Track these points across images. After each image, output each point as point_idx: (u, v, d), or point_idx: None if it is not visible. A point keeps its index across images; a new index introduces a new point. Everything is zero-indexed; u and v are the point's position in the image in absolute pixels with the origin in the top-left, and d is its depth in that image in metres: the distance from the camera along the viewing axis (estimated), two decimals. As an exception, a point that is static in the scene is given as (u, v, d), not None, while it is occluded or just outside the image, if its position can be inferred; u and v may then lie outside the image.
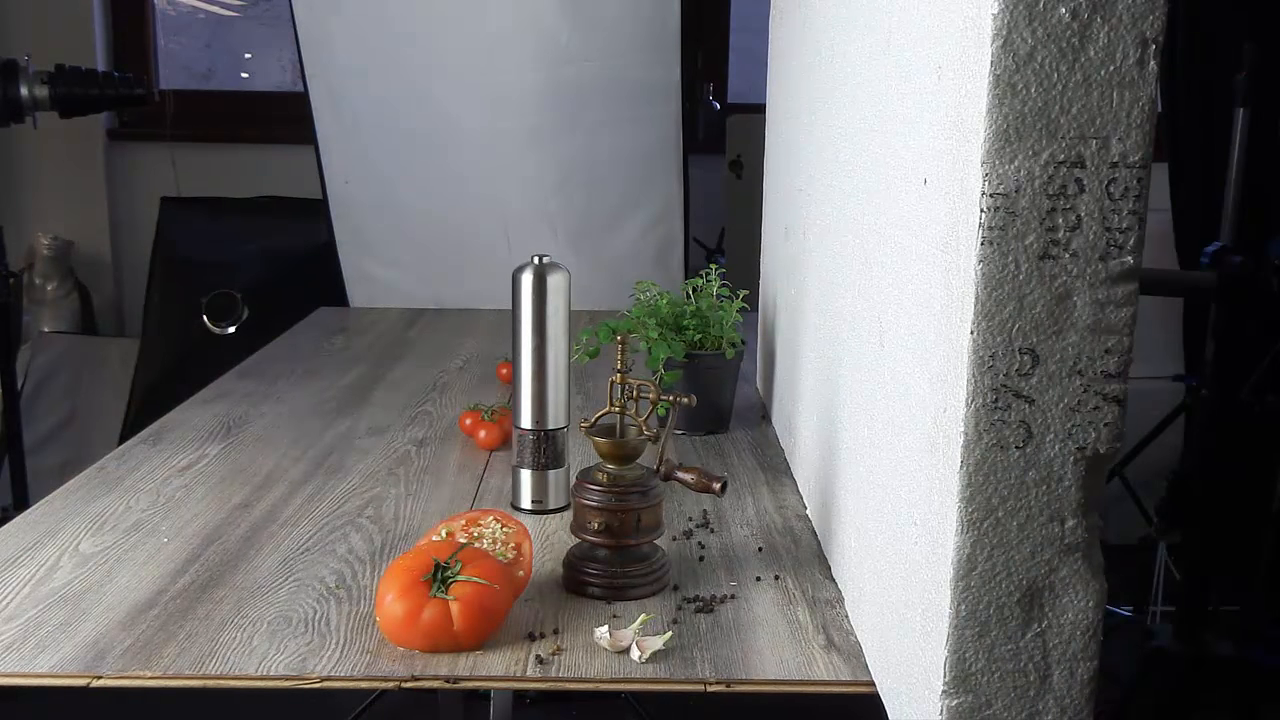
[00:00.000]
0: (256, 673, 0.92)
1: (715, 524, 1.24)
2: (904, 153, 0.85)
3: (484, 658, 0.94)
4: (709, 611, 1.03)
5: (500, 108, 2.42)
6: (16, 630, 0.98)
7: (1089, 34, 0.66)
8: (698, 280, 1.62)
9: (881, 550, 0.91)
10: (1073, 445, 0.71)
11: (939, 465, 0.75)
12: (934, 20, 0.77)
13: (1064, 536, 0.73)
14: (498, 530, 1.08)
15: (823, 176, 1.24)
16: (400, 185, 2.50)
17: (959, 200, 0.71)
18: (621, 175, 2.50)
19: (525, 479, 1.28)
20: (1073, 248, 0.69)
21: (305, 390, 1.81)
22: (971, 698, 0.74)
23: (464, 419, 1.55)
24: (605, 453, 1.08)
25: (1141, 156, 0.68)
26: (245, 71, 3.65)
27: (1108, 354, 0.70)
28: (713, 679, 0.91)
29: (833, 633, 1.00)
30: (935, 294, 0.76)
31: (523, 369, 1.24)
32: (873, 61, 0.98)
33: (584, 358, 1.53)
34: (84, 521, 1.23)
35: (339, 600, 1.05)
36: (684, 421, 1.57)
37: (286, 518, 1.26)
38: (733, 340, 1.55)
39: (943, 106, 0.75)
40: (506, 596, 0.98)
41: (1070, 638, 0.74)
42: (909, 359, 0.83)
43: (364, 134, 2.47)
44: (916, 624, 0.79)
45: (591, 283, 2.24)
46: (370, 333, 2.29)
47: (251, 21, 3.64)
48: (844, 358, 1.09)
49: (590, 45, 2.38)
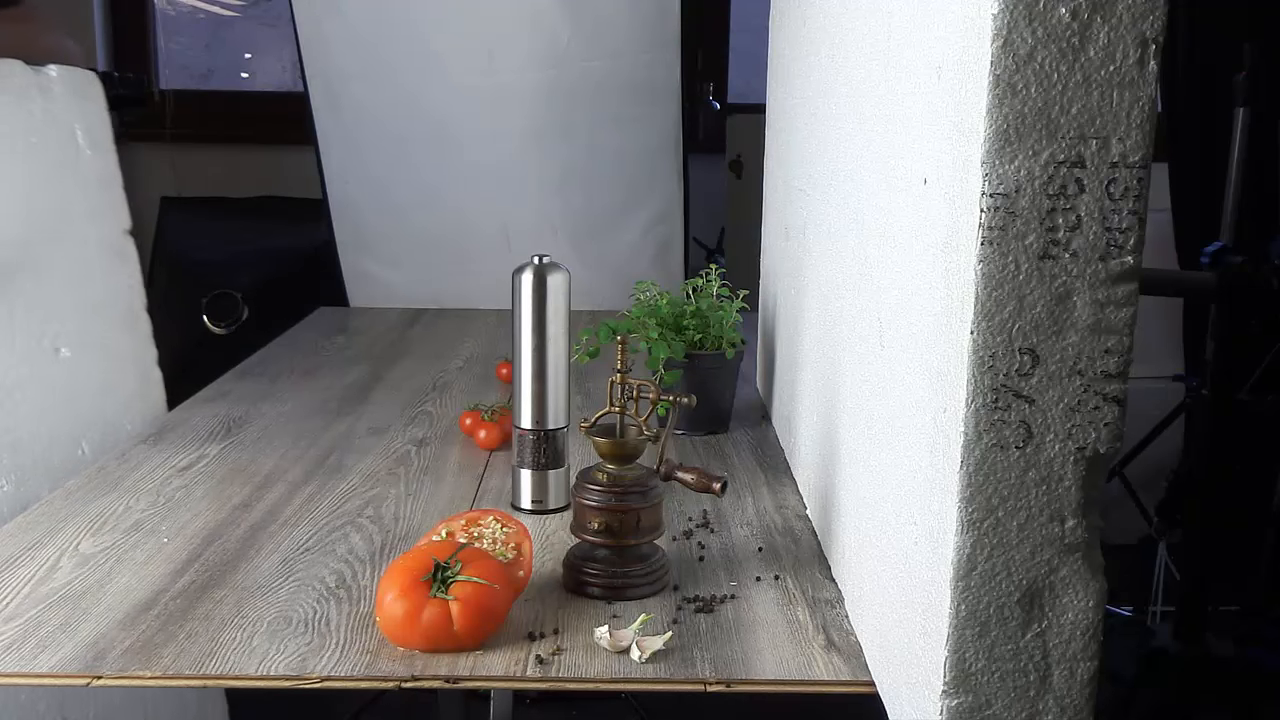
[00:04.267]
0: (256, 673, 0.92)
1: (715, 524, 1.24)
2: (904, 153, 0.85)
3: (484, 658, 0.94)
4: (709, 611, 1.03)
5: (500, 108, 2.42)
6: (16, 630, 0.98)
7: (1089, 34, 0.66)
8: (698, 280, 1.62)
9: (881, 550, 0.91)
10: (1073, 445, 0.71)
11: (939, 465, 0.75)
12: (934, 20, 0.77)
13: (1064, 536, 0.73)
14: (498, 530, 1.08)
15: (823, 176, 1.24)
16: (400, 185, 2.50)
17: (959, 200, 0.71)
18: (621, 175, 2.50)
19: (525, 479, 1.28)
20: (1073, 248, 0.69)
21: (305, 390, 1.81)
22: (971, 698, 0.74)
23: (464, 419, 1.55)
24: (605, 453, 1.08)
25: (1142, 157, 0.68)
26: (245, 71, 3.65)
27: (1108, 354, 0.70)
28: (713, 679, 0.91)
29: (833, 633, 1.00)
30: (935, 294, 0.76)
31: (523, 369, 1.24)
32: (873, 61, 0.98)
33: (584, 358, 1.53)
34: (84, 521, 1.23)
35: (339, 600, 1.05)
36: (684, 421, 1.57)
37: (286, 518, 1.26)
38: (733, 340, 1.55)
39: (943, 106, 0.75)
40: (506, 596, 0.98)
41: (1070, 638, 0.74)
42: (909, 359, 0.83)
43: (364, 134, 2.47)
44: (916, 624, 0.79)
45: (591, 283, 2.24)
46: (370, 333, 2.29)
47: (251, 21, 3.63)
48: (844, 358, 1.09)
49: (590, 45, 2.38)
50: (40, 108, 1.55)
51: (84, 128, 1.61)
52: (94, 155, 1.62)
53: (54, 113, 1.57)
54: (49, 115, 1.56)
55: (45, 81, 1.56)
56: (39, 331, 1.57)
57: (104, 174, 1.64)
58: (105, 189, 1.65)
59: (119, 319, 1.66)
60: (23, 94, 1.53)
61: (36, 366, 1.57)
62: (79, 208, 1.61)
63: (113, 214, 1.66)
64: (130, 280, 1.68)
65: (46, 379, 1.58)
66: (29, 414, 1.55)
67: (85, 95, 1.61)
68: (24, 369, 1.56)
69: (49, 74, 1.56)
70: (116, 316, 1.66)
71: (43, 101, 1.55)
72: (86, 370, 1.61)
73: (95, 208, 1.63)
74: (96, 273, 1.64)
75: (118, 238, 1.66)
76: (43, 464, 1.57)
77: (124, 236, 1.67)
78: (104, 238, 1.65)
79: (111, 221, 1.66)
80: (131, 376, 1.66)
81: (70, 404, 1.61)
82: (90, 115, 1.62)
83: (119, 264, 1.67)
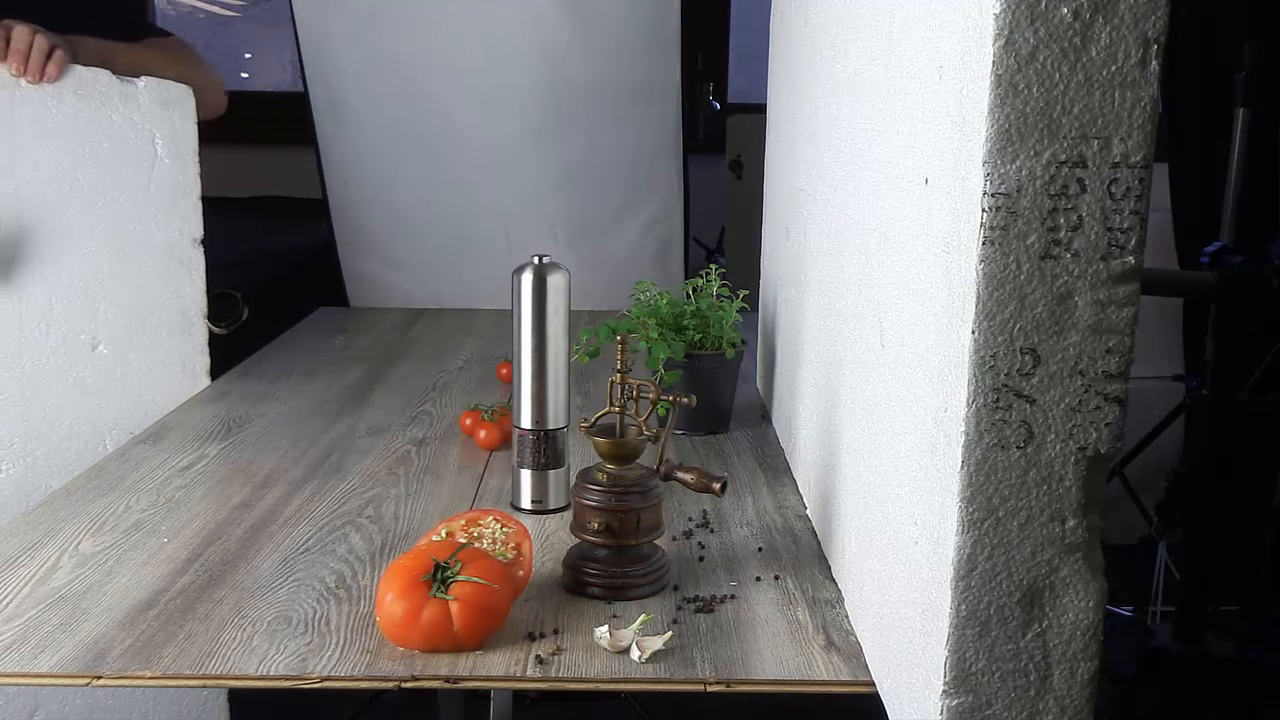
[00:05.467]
0: (256, 673, 0.91)
1: (715, 524, 1.24)
2: (905, 152, 0.85)
3: (484, 658, 0.94)
4: (709, 611, 1.03)
5: (500, 108, 2.42)
6: (16, 630, 0.98)
7: (1091, 34, 0.66)
8: (698, 280, 1.62)
9: (881, 550, 0.91)
10: (1073, 445, 0.71)
11: (939, 465, 0.74)
12: (935, 20, 0.77)
13: (1064, 536, 0.73)
14: (498, 530, 1.08)
15: (823, 176, 1.24)
16: (400, 185, 2.50)
17: (960, 200, 0.71)
18: (621, 175, 2.50)
19: (525, 479, 1.28)
20: (1074, 248, 0.69)
21: (305, 390, 1.81)
22: (971, 698, 0.74)
23: (464, 419, 1.55)
24: (605, 453, 1.08)
25: (1143, 157, 0.68)
26: (245, 71, 3.65)
27: (1109, 354, 0.70)
28: (713, 679, 0.91)
29: (833, 633, 0.99)
30: (936, 294, 0.76)
31: (523, 369, 1.24)
32: (874, 61, 0.98)
33: (584, 358, 1.53)
34: (84, 521, 1.23)
35: (339, 600, 1.04)
36: (684, 421, 1.57)
37: (286, 518, 1.26)
38: (733, 340, 1.55)
39: (944, 106, 0.75)
40: (506, 596, 0.98)
41: (1070, 638, 0.74)
42: (909, 359, 0.83)
43: (364, 134, 2.47)
44: (916, 624, 0.79)
45: (591, 283, 2.23)
46: (370, 333, 2.28)
47: (251, 21, 3.64)
48: (844, 358, 1.09)
49: (590, 45, 2.38)
50: (121, 114, 1.64)
51: (164, 136, 1.69)
52: (172, 163, 1.70)
53: (135, 120, 1.65)
54: (129, 122, 1.65)
55: (130, 90, 1.65)
56: (78, 327, 1.64)
57: (180, 182, 1.72)
58: (180, 197, 1.73)
59: (172, 324, 1.73)
60: (104, 100, 1.63)
61: (69, 359, 1.64)
62: (147, 212, 1.69)
63: (184, 221, 1.74)
64: (192, 288, 1.76)
65: (77, 373, 1.65)
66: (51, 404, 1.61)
67: (172, 105, 1.70)
68: (56, 359, 1.63)
69: (135, 84, 1.66)
70: (169, 322, 1.73)
71: (124, 109, 1.64)
72: (124, 370, 1.68)
73: (165, 214, 1.71)
74: (157, 277, 1.72)
75: (185, 245, 1.74)
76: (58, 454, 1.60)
77: (193, 245, 1.75)
78: (171, 243, 1.72)
79: (181, 228, 1.73)
80: (178, 381, 1.73)
81: (98, 400, 1.67)
82: (174, 124, 1.70)
83: (182, 271, 1.74)
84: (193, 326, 1.75)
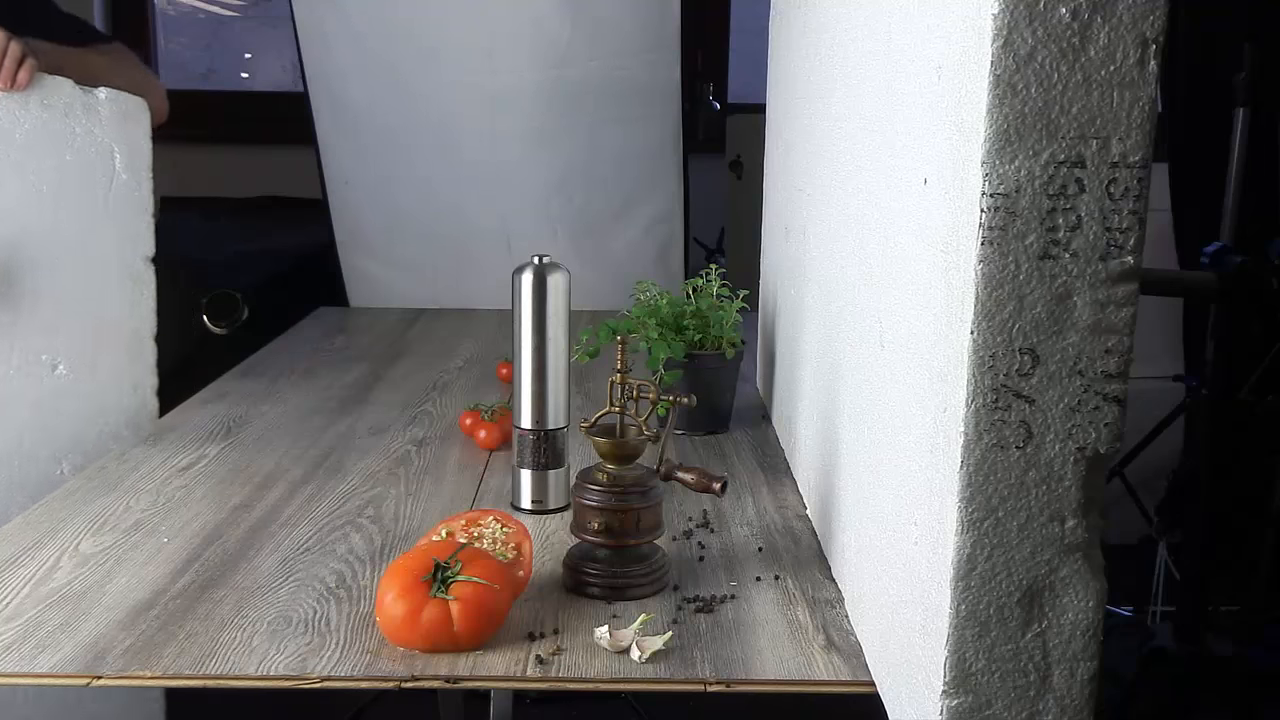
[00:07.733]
0: (256, 673, 0.92)
1: (715, 524, 1.24)
2: (904, 153, 0.85)
3: (484, 658, 0.94)
4: (709, 611, 1.03)
5: (500, 108, 2.42)
6: (16, 630, 0.98)
7: (1089, 34, 0.66)
8: (698, 280, 1.62)
9: (881, 550, 0.91)
10: (1073, 445, 0.71)
11: (939, 465, 0.75)
12: (934, 20, 0.77)
13: (1064, 536, 0.73)
14: (498, 530, 1.08)
15: (823, 176, 1.24)
16: (400, 185, 2.50)
17: (959, 200, 0.71)
18: (621, 175, 2.50)
19: (525, 479, 1.28)
20: (1073, 248, 0.69)
21: (305, 390, 1.81)
22: (971, 698, 0.74)
23: (464, 419, 1.55)
24: (605, 453, 1.08)
25: (1142, 157, 0.68)
26: (245, 71, 3.65)
27: (1108, 354, 0.70)
28: (713, 679, 0.91)
29: (833, 633, 1.00)
30: (935, 294, 0.76)
31: (523, 369, 1.24)
32: (873, 61, 0.98)
33: (584, 358, 1.53)
34: (84, 521, 1.23)
35: (339, 600, 1.05)
36: (684, 421, 1.57)
37: (286, 518, 1.26)
38: (733, 340, 1.55)
39: (943, 106, 0.75)
40: (506, 596, 0.98)
41: (1070, 638, 0.74)
42: (909, 359, 0.83)
43: (364, 134, 2.47)
44: (916, 624, 0.79)
45: (591, 283, 2.23)
46: (370, 333, 2.29)
47: (251, 21, 3.64)
48: (844, 358, 1.09)
49: (590, 45, 2.38)
50: (83, 126, 1.59)
51: (123, 151, 1.64)
52: (129, 178, 1.65)
53: (95, 133, 1.60)
54: (90, 135, 1.60)
55: (91, 101, 1.60)
56: (40, 346, 1.58)
57: (135, 199, 1.68)
58: (134, 213, 1.68)
59: (123, 343, 1.68)
60: (68, 111, 1.58)
61: (31, 380, 1.58)
62: (105, 228, 1.64)
63: (137, 239, 1.69)
64: (142, 307, 1.70)
65: (37, 394, 1.59)
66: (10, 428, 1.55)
67: (131, 119, 1.65)
68: (18, 382, 1.57)
69: (97, 95, 1.60)
70: (121, 340, 1.68)
71: (86, 120, 1.59)
72: (79, 390, 1.62)
73: (121, 230, 1.67)
74: (111, 294, 1.67)
75: (137, 263, 1.69)
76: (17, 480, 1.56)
77: (144, 263, 1.70)
78: (125, 261, 1.68)
79: (134, 246, 1.69)
80: (126, 401, 1.67)
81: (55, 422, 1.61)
82: (132, 140, 1.66)
83: (134, 289, 1.69)
84: (143, 347, 1.70)
